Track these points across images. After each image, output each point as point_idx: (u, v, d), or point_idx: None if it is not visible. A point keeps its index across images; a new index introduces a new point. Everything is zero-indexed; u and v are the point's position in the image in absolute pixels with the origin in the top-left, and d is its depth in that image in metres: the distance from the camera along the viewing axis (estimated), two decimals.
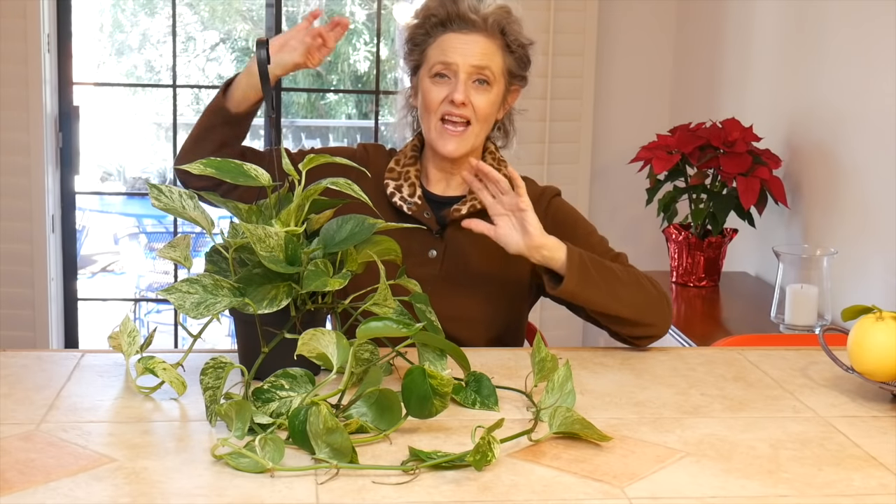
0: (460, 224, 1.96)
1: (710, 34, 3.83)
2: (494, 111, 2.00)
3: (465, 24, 1.96)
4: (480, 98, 1.96)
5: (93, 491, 1.25)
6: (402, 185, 2.01)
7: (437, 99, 1.96)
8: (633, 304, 1.88)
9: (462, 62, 1.95)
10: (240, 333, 1.65)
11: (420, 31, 2.01)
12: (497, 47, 1.97)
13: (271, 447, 1.32)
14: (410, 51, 2.03)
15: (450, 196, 2.04)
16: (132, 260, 8.02)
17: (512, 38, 1.99)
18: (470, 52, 1.95)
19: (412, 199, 2.00)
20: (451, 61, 1.95)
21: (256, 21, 10.86)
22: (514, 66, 2.01)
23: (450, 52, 1.96)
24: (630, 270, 1.94)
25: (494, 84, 1.97)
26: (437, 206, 2.02)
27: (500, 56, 1.98)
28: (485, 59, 1.96)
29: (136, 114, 10.84)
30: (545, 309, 4.15)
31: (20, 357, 1.75)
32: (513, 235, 1.84)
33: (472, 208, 1.98)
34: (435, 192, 2.05)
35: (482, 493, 1.27)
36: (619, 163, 3.62)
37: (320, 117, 11.10)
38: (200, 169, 1.62)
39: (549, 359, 1.58)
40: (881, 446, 1.45)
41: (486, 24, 1.96)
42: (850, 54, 2.84)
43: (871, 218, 2.72)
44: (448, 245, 2.00)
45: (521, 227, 1.83)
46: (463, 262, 2.00)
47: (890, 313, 1.62)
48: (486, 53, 1.96)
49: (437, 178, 2.05)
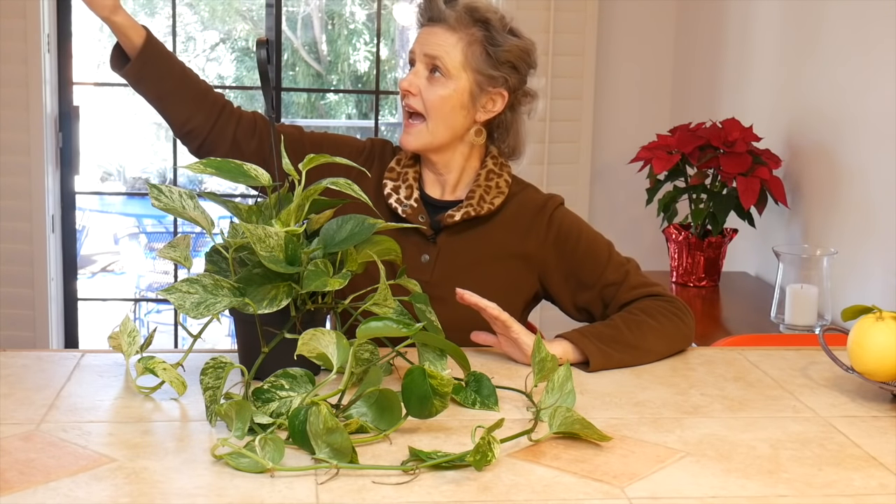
0: (454, 229, 1.96)
1: (710, 34, 3.83)
2: (450, 107, 1.95)
3: (432, 16, 1.98)
4: (431, 90, 1.95)
5: (93, 491, 1.25)
6: (400, 186, 2.00)
7: (400, 88, 1.99)
8: (662, 348, 1.84)
9: (418, 51, 1.97)
10: (240, 333, 1.65)
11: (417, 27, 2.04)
12: (459, 40, 1.94)
13: (271, 447, 1.32)
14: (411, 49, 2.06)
15: (446, 200, 2.02)
16: (132, 260, 8.03)
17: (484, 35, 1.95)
18: (426, 42, 1.96)
19: (408, 202, 1.98)
20: (413, 49, 2.00)
21: (256, 21, 10.86)
22: (484, 65, 1.95)
23: (416, 43, 2.00)
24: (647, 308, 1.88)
25: (450, 78, 1.94)
26: (434, 211, 2.00)
27: (461, 50, 1.94)
28: (438, 50, 1.94)
29: (136, 114, 10.84)
30: (545, 309, 4.13)
31: (20, 357, 1.75)
32: (514, 351, 1.81)
33: (466, 215, 1.96)
34: (432, 194, 2.03)
35: (482, 493, 1.27)
36: (619, 163, 3.62)
37: (320, 117, 11.11)
38: (200, 169, 1.62)
39: (549, 359, 1.58)
40: (881, 446, 1.45)
41: (457, 21, 1.95)
42: (850, 54, 2.84)
43: (871, 218, 2.72)
44: (441, 250, 1.98)
45: (514, 344, 1.80)
46: (455, 268, 1.97)
47: (890, 313, 1.62)
48: (440, 44, 1.94)
49: (431, 179, 2.04)
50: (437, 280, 1.95)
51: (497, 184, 1.99)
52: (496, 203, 1.97)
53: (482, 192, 1.97)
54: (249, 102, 10.65)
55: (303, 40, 11.05)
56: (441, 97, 1.94)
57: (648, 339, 1.82)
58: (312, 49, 11.13)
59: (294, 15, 10.92)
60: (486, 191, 1.98)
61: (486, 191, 1.98)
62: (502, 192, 1.98)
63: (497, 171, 2.00)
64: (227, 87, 12.29)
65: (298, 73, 10.93)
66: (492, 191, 1.98)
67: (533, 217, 2.00)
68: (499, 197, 1.98)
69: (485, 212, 1.96)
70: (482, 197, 1.97)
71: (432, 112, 1.95)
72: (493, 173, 2.00)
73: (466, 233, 1.98)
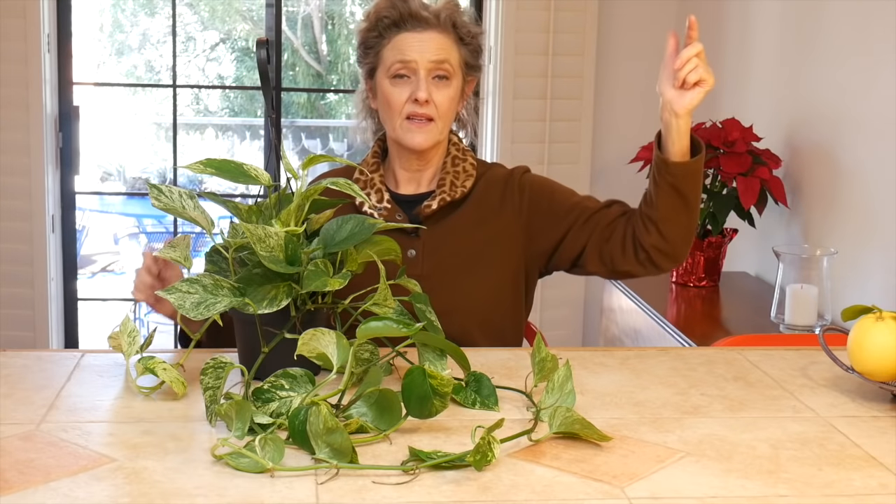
0: (433, 220, 1.99)
1: (710, 34, 3.83)
2: (455, 105, 2.03)
3: (418, 22, 1.99)
4: (441, 94, 1.99)
5: (93, 491, 1.25)
6: (370, 193, 2.03)
7: (401, 100, 1.98)
8: (698, 214, 1.96)
9: (421, 59, 1.97)
10: (240, 333, 1.65)
11: (372, 35, 2.03)
12: (452, 41, 2.01)
13: (271, 447, 1.32)
14: (364, 54, 2.05)
15: (420, 194, 2.06)
16: (132, 260, 8.02)
17: (464, 31, 2.03)
18: (427, 49, 1.98)
19: (381, 205, 2.02)
20: (409, 59, 1.98)
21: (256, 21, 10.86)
22: (469, 58, 2.04)
23: (407, 51, 1.98)
24: None
25: (453, 78, 2.01)
26: (409, 206, 2.04)
27: (456, 49, 2.02)
28: (442, 54, 1.99)
29: (136, 114, 10.86)
30: (545, 309, 4.15)
31: (20, 357, 1.75)
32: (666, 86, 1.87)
33: (442, 201, 2.01)
34: (406, 192, 2.07)
35: (482, 493, 1.27)
36: (619, 163, 3.62)
37: (320, 117, 11.11)
38: (200, 169, 1.62)
39: (549, 359, 1.58)
40: (881, 446, 1.45)
41: (439, 20, 2.00)
42: (850, 54, 2.84)
43: (871, 218, 2.72)
44: (425, 242, 2.01)
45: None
46: (443, 256, 2.01)
47: (890, 313, 1.62)
48: (442, 48, 1.99)
49: (406, 178, 2.07)
50: (427, 273, 1.97)
51: (464, 168, 2.05)
52: (468, 185, 2.03)
53: (452, 179, 2.03)
54: (249, 102, 10.65)
55: (303, 40, 11.05)
56: (451, 98, 2.01)
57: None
58: (312, 49, 11.13)
59: (294, 15, 10.92)
60: (455, 176, 2.03)
61: (455, 176, 2.03)
62: (471, 175, 2.04)
63: (461, 156, 2.06)
64: (227, 87, 12.29)
65: (298, 73, 10.93)
66: (461, 175, 2.04)
67: (503, 190, 2.06)
68: (469, 179, 2.04)
69: (459, 195, 2.02)
70: (452, 182, 2.03)
71: (443, 114, 2.00)
72: (458, 158, 2.06)
73: (445, 221, 2.02)
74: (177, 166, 5.31)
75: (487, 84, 4.12)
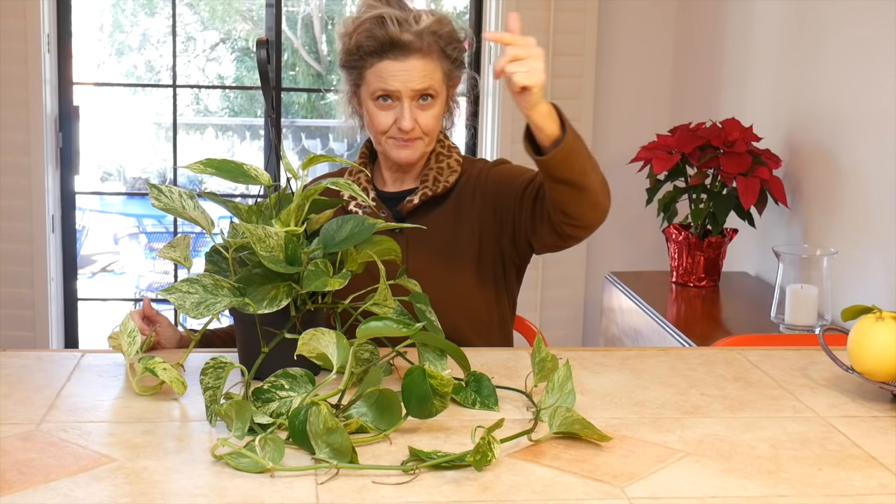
0: (417, 216, 2.00)
1: (710, 34, 3.83)
2: (441, 119, 2.03)
3: (400, 50, 1.94)
4: (426, 115, 1.98)
5: (93, 491, 1.25)
6: None
7: (386, 123, 1.98)
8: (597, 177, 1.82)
9: (405, 88, 1.95)
10: (240, 333, 1.65)
11: (353, 58, 1.99)
12: (434, 60, 1.97)
13: (271, 447, 1.32)
14: (346, 71, 2.02)
15: (404, 191, 2.07)
16: (132, 260, 8.02)
17: (447, 45, 1.98)
18: (410, 78, 1.94)
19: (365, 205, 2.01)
20: (392, 88, 1.95)
21: (256, 21, 10.85)
22: (452, 67, 2.01)
23: (390, 80, 1.95)
24: None
25: (438, 96, 1.99)
26: (393, 203, 2.06)
27: (439, 67, 1.98)
28: (426, 81, 1.96)
29: (136, 114, 10.85)
30: (545, 309, 4.15)
31: (20, 357, 1.75)
32: None
33: (424, 196, 2.02)
34: (392, 190, 2.08)
35: (482, 493, 1.27)
36: (619, 163, 3.62)
37: (320, 117, 11.10)
38: (200, 169, 1.62)
39: (549, 359, 1.58)
40: (881, 446, 1.45)
41: (422, 42, 1.95)
42: (850, 54, 2.84)
43: (871, 218, 2.72)
44: (409, 240, 2.01)
45: None
46: (427, 251, 2.01)
47: (890, 313, 1.62)
48: (426, 75, 1.95)
49: (392, 178, 2.09)
50: (411, 269, 1.97)
51: (448, 164, 2.06)
52: (451, 180, 2.04)
53: (435, 174, 2.04)
54: (249, 102, 10.65)
55: (303, 40, 11.05)
56: (436, 116, 2.00)
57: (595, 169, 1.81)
58: (312, 49, 11.13)
59: (294, 15, 10.92)
60: (438, 172, 2.04)
61: (438, 172, 2.04)
62: (455, 171, 2.05)
63: (446, 153, 2.07)
64: (227, 87, 12.29)
65: (298, 73, 10.92)
66: (444, 171, 2.05)
67: (476, 183, 2.06)
68: (452, 175, 2.04)
69: (441, 190, 2.03)
70: (436, 178, 2.04)
71: (429, 132, 2.01)
72: (443, 155, 2.06)
73: (429, 217, 2.03)
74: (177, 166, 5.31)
75: (487, 84, 4.12)
